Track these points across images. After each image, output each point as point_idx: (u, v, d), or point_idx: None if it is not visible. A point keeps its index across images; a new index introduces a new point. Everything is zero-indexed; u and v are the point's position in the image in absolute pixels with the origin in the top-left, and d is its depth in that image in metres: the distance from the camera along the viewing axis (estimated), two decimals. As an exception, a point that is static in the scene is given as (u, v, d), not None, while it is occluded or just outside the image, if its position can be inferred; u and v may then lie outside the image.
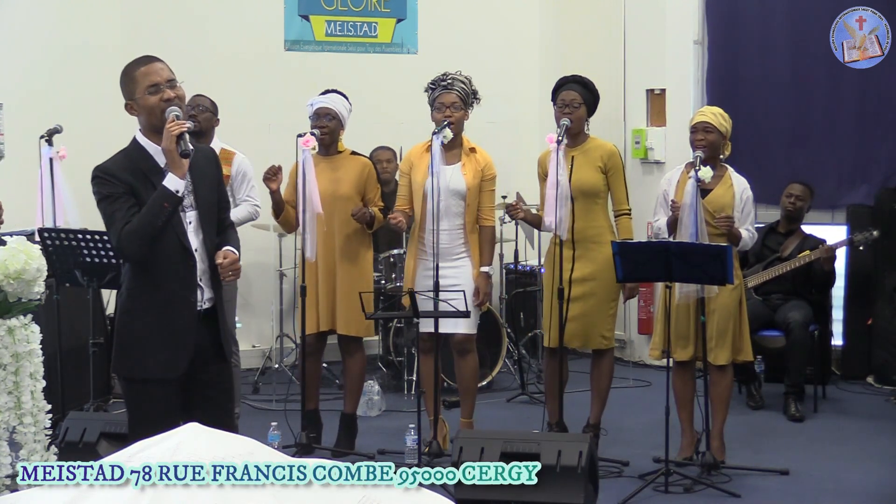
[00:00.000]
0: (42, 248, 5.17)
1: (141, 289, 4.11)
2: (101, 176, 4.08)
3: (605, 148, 6.35)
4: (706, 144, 6.04)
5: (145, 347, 4.09)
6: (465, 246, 6.33)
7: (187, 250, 4.11)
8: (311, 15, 9.13)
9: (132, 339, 4.12)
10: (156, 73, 4.08)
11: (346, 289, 6.38)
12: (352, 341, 6.50)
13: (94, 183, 4.11)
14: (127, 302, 4.15)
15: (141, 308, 4.11)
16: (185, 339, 4.11)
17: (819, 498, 5.77)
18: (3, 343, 4.03)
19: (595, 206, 6.30)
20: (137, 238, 4.00)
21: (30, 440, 4.15)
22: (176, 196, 4.02)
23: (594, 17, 9.32)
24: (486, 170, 6.35)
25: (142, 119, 4.13)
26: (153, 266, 4.08)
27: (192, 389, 4.15)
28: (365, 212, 6.35)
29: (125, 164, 4.09)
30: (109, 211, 4.05)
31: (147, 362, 4.09)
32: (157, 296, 4.10)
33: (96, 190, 4.10)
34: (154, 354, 4.09)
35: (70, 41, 8.32)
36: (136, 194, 4.05)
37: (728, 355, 6.11)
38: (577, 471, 5.08)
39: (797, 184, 7.75)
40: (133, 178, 4.06)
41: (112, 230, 4.05)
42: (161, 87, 4.06)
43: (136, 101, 4.10)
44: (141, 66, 4.11)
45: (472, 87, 6.36)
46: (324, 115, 6.38)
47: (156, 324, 4.09)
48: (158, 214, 4.00)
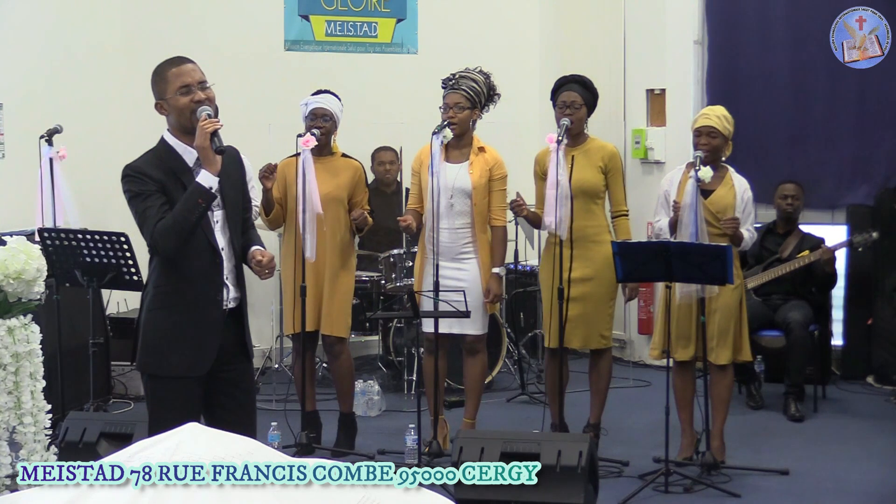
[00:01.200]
0: (42, 248, 5.17)
1: (168, 286, 4.12)
2: (133, 174, 4.09)
3: (606, 149, 6.36)
4: (710, 149, 6.05)
5: (171, 345, 4.11)
6: (472, 245, 6.34)
7: (215, 249, 4.14)
8: (311, 15, 9.13)
9: (158, 336, 4.12)
10: (188, 74, 4.12)
11: (331, 290, 6.40)
12: (336, 342, 6.51)
13: (125, 181, 4.11)
14: (154, 299, 4.15)
15: (168, 305, 4.12)
16: (211, 337, 4.13)
17: (819, 498, 5.77)
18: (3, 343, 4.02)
19: (594, 206, 6.31)
20: (173, 233, 4.01)
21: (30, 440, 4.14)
22: (210, 192, 4.04)
23: (594, 17, 9.32)
24: (494, 169, 6.35)
25: (171, 119, 4.15)
26: (181, 264, 4.09)
27: (214, 388, 4.18)
28: (366, 217, 6.37)
29: (155, 163, 4.11)
30: (142, 208, 4.05)
31: (172, 360, 4.10)
32: (184, 294, 4.11)
33: (127, 188, 4.10)
34: (180, 352, 4.10)
35: (70, 41, 8.31)
36: (167, 193, 4.07)
37: (729, 355, 6.11)
38: (577, 471, 5.08)
39: (789, 183, 7.74)
40: (164, 177, 4.08)
41: (145, 226, 4.04)
42: (192, 89, 4.10)
43: (167, 101, 4.13)
44: (173, 66, 4.14)
45: (487, 85, 6.36)
46: (320, 116, 6.38)
47: (183, 322, 4.11)
48: (193, 210, 4.02)
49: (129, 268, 6.25)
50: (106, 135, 8.27)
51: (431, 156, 6.14)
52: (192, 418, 3.76)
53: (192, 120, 4.07)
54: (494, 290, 6.35)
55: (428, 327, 6.26)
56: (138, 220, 4.08)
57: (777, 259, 7.63)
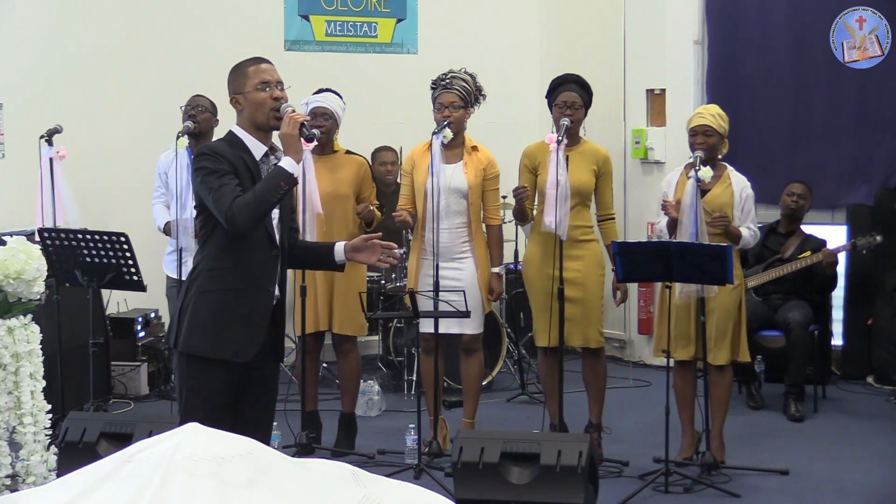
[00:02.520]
0: (42, 248, 5.18)
1: (225, 271, 4.12)
2: (209, 153, 4.11)
3: (600, 153, 6.37)
4: (706, 148, 6.05)
5: (221, 328, 4.09)
6: (468, 245, 6.34)
7: (273, 242, 4.18)
8: (311, 15, 9.14)
9: (208, 318, 4.10)
10: (267, 72, 4.23)
11: (342, 289, 6.39)
12: (346, 340, 6.51)
13: (199, 159, 4.11)
14: (208, 282, 4.12)
15: (222, 289, 4.11)
16: (260, 326, 4.14)
17: (819, 498, 5.77)
18: (3, 343, 4.03)
19: (584, 207, 6.33)
20: (251, 210, 4.01)
21: (30, 440, 4.15)
22: (293, 177, 4.08)
23: (594, 17, 9.32)
24: (488, 168, 6.37)
25: (245, 113, 4.19)
26: (242, 249, 4.11)
27: (244, 383, 4.17)
28: (370, 210, 6.36)
29: (228, 151, 4.13)
30: (217, 184, 4.04)
31: (220, 342, 4.09)
32: (240, 280, 4.11)
33: (202, 165, 4.09)
34: (230, 335, 4.09)
35: (70, 42, 8.31)
36: (239, 177, 4.09)
37: (727, 355, 6.11)
38: (577, 471, 5.08)
39: (798, 183, 7.75)
40: (238, 163, 4.11)
41: (221, 199, 4.02)
42: (272, 86, 4.17)
43: (245, 95, 4.19)
44: (253, 64, 4.24)
45: (476, 85, 6.36)
46: (321, 115, 6.38)
47: (235, 307, 4.10)
48: (275, 192, 4.04)
49: (129, 268, 6.25)
50: (106, 135, 8.27)
51: (431, 156, 6.14)
52: (225, 406, 3.97)
53: (270, 116, 4.15)
54: (497, 288, 6.39)
55: (425, 328, 6.25)
56: (213, 196, 4.04)
57: (778, 259, 7.63)
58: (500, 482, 5.18)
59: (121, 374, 7.71)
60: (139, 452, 2.55)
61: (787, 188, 7.75)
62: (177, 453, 2.49)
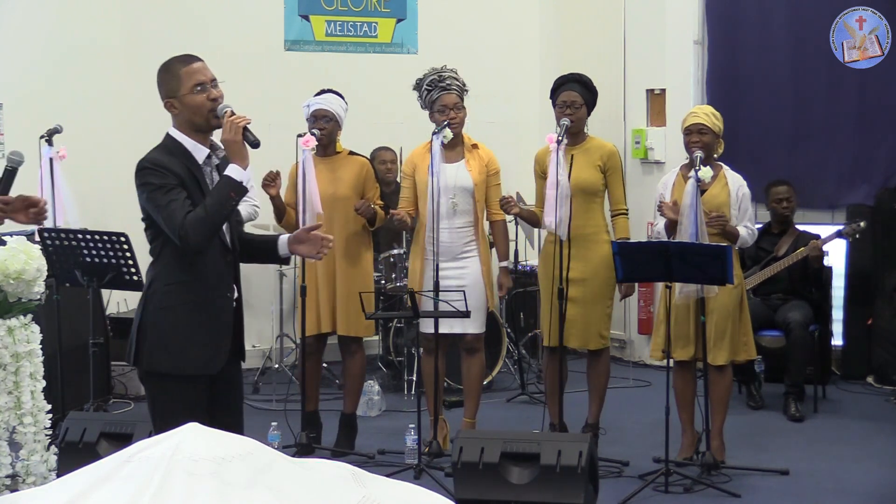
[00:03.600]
0: (42, 248, 5.17)
1: (182, 285, 4.05)
2: (152, 167, 4.00)
3: (605, 148, 6.36)
4: (701, 146, 6.05)
5: (185, 343, 4.03)
6: (474, 244, 6.35)
7: (226, 247, 4.12)
8: (311, 15, 9.14)
9: (173, 335, 4.03)
10: (201, 72, 4.08)
11: (346, 289, 6.39)
12: (352, 341, 6.50)
13: (143, 174, 4.01)
14: (166, 298, 4.05)
15: (182, 303, 4.04)
16: (224, 335, 4.10)
17: (819, 498, 5.77)
18: (3, 343, 4.02)
19: (593, 206, 6.31)
20: (205, 227, 3.93)
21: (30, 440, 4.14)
22: (243, 186, 3.99)
23: (594, 17, 9.32)
24: (490, 165, 6.41)
25: (182, 116, 4.08)
26: (197, 261, 4.03)
27: (212, 392, 4.12)
28: (369, 205, 6.35)
29: (170, 160, 4.03)
30: (165, 201, 3.95)
31: (188, 358, 4.03)
32: (199, 292, 4.04)
33: (146, 181, 4.00)
34: (196, 350, 4.04)
35: (70, 41, 8.31)
36: (186, 188, 4.00)
37: (726, 356, 6.11)
38: (577, 471, 5.08)
39: (781, 185, 7.71)
40: (182, 172, 4.02)
41: (171, 218, 3.94)
42: (207, 87, 4.06)
43: (180, 100, 4.06)
44: (184, 64, 4.08)
45: (461, 79, 6.41)
46: (321, 118, 6.37)
47: (198, 320, 4.03)
48: (226, 203, 3.97)
49: (129, 268, 6.25)
50: (106, 135, 8.27)
51: (432, 156, 6.15)
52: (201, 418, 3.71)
53: (209, 118, 4.04)
54: (506, 283, 6.48)
55: (426, 328, 6.26)
56: (162, 214, 3.96)
57: (773, 258, 7.62)
58: (500, 482, 5.18)
59: (121, 374, 7.70)
60: (139, 452, 2.54)
61: (772, 193, 7.68)
62: (177, 453, 2.49)
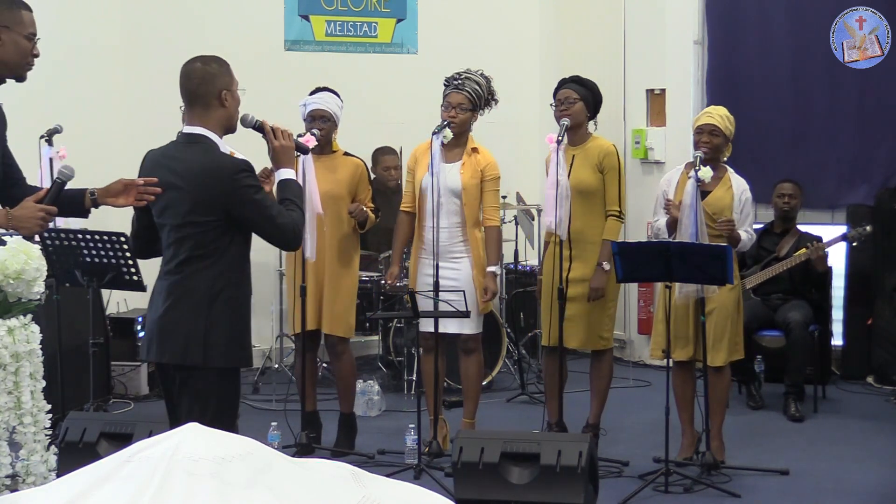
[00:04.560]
0: (42, 248, 5.16)
1: (242, 282, 4.16)
2: (250, 169, 4.09)
3: (603, 147, 6.33)
4: (710, 147, 6.05)
5: (246, 336, 4.18)
6: (464, 245, 6.34)
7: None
8: (311, 15, 9.13)
9: (242, 330, 4.15)
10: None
11: (333, 289, 6.39)
12: (338, 342, 6.50)
13: (245, 176, 4.04)
14: (232, 296, 4.10)
15: (244, 300, 4.17)
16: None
17: (819, 498, 5.77)
18: (3, 343, 4.02)
19: (594, 207, 6.28)
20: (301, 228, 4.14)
21: (30, 440, 4.14)
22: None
23: (594, 17, 9.32)
24: (486, 170, 6.35)
25: (224, 113, 4.16)
26: (247, 259, 4.17)
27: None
28: (363, 210, 6.34)
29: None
30: (268, 202, 4.04)
31: (248, 350, 4.19)
32: (249, 288, 4.19)
33: (251, 183, 4.05)
34: (248, 342, 4.20)
35: (70, 41, 8.30)
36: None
37: (725, 356, 6.11)
38: (577, 471, 5.08)
39: (787, 183, 7.74)
40: None
41: (279, 220, 4.03)
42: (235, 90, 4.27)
43: (233, 94, 4.21)
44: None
45: (489, 89, 6.36)
46: (318, 118, 6.36)
47: (249, 314, 4.21)
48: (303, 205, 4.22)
49: (128, 268, 6.25)
50: (106, 135, 8.27)
51: (431, 156, 6.14)
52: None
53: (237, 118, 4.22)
54: (492, 287, 6.34)
55: (424, 327, 6.25)
56: (268, 213, 4.01)
57: (774, 258, 7.62)
58: (500, 482, 5.18)
59: (121, 374, 7.71)
60: (139, 452, 2.54)
61: (777, 189, 7.74)
62: (177, 453, 2.49)
